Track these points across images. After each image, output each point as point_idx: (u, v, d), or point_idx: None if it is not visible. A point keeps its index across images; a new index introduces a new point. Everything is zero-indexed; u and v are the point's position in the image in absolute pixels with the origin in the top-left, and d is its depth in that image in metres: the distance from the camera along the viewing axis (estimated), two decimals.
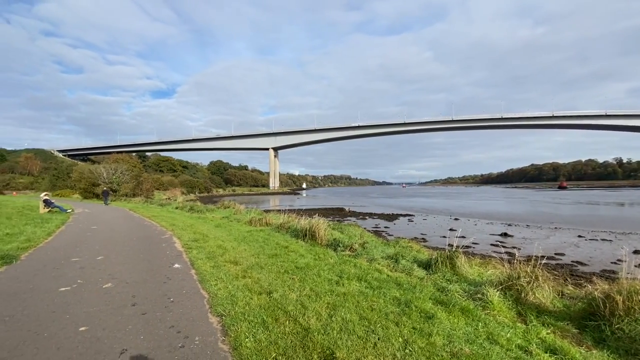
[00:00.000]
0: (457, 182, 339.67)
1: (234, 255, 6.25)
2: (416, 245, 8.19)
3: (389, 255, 6.42)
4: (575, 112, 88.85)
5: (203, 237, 8.40)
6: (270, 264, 5.64)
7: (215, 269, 5.22)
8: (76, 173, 37.80)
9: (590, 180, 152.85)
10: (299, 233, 8.66)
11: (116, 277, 4.84)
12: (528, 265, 4.61)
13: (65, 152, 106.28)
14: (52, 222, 11.19)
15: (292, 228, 9.39)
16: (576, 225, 19.50)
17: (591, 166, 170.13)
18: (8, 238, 7.75)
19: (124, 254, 6.54)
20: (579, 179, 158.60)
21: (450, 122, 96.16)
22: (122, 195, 32.50)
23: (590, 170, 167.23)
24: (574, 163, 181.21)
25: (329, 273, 5.13)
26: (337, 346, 2.74)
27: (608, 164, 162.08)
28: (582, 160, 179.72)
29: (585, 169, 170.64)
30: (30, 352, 2.66)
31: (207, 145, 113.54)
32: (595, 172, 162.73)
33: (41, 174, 69.98)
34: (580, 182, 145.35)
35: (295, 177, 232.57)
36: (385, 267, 5.68)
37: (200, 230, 9.64)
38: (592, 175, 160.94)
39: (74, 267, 5.39)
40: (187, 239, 8.15)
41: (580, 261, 10.45)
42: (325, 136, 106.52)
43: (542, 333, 3.41)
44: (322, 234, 8.00)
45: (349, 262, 5.91)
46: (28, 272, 5.09)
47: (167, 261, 5.92)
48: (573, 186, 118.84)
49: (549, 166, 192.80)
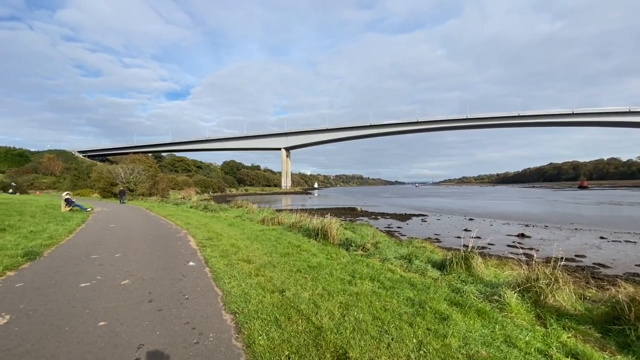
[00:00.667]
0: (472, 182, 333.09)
1: (247, 253, 6.31)
2: (430, 246, 8.07)
3: (402, 255, 6.34)
4: (597, 109, 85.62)
5: (217, 235, 8.51)
6: (282, 262, 5.66)
7: (228, 267, 5.29)
8: (95, 173, 39.00)
9: (613, 179, 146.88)
10: (311, 232, 8.67)
11: (133, 274, 4.96)
12: (547, 267, 4.47)
13: (85, 153, 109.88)
14: (73, 221, 11.56)
15: (304, 227, 9.41)
16: (598, 226, 18.73)
17: (614, 165, 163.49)
18: (32, 235, 8.05)
19: (141, 251, 6.69)
20: (601, 179, 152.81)
21: (465, 121, 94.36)
22: (138, 194, 33.33)
23: (613, 169, 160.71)
24: (595, 162, 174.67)
25: (342, 272, 5.11)
26: (350, 346, 2.73)
27: (632, 163, 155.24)
28: (604, 159, 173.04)
29: (608, 168, 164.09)
30: (52, 345, 2.76)
31: (220, 145, 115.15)
32: (618, 171, 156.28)
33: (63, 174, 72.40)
34: (602, 182, 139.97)
35: (306, 177, 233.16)
36: (399, 267, 5.62)
37: (214, 229, 9.78)
38: (614, 175, 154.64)
39: (93, 264, 5.55)
40: (201, 237, 8.28)
41: (602, 263, 10.06)
42: (337, 136, 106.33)
43: (562, 337, 3.30)
44: (334, 233, 7.99)
45: (362, 262, 5.88)
46: (50, 268, 5.27)
47: (182, 259, 6.03)
48: (594, 186, 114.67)
49: (569, 165, 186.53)
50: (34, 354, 2.61)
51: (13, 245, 6.58)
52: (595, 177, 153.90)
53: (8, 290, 4.15)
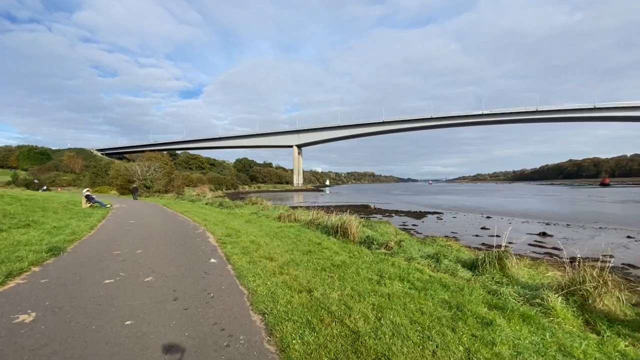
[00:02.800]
0: (487, 179, 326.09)
1: (267, 251, 6.18)
2: (455, 244, 7.76)
3: (429, 254, 6.08)
4: (620, 104, 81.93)
5: (235, 232, 8.43)
6: (305, 260, 5.50)
7: (251, 265, 5.16)
8: (113, 171, 39.90)
9: (637, 176, 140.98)
10: (330, 230, 8.49)
11: (156, 271, 4.89)
12: (594, 269, 4.15)
13: (103, 151, 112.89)
14: (93, 217, 11.74)
15: (322, 225, 9.23)
16: (623, 225, 17.86)
17: (637, 161, 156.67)
18: (55, 231, 8.15)
19: (162, 247, 6.65)
20: (624, 176, 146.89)
21: (481, 117, 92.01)
22: (155, 191, 33.88)
23: (637, 165, 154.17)
24: (617, 158, 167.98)
25: (368, 272, 4.90)
26: (393, 353, 2.52)
27: None
28: (627, 155, 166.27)
29: (631, 164, 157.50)
30: (79, 346, 2.66)
31: (233, 143, 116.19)
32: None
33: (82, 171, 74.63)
34: (625, 179, 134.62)
35: (318, 174, 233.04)
36: (426, 267, 5.37)
37: (232, 226, 9.72)
38: (638, 172, 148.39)
39: (116, 260, 5.52)
40: (220, 234, 8.22)
41: (632, 264, 9.52)
42: (349, 132, 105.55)
43: (619, 345, 3.01)
44: (354, 231, 7.78)
45: (386, 261, 5.65)
46: (74, 264, 5.26)
47: (203, 255, 5.94)
48: (617, 183, 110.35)
49: (589, 162, 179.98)
50: (61, 354, 2.51)
51: (37, 240, 6.64)
52: (618, 174, 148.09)
53: (34, 286, 4.11)
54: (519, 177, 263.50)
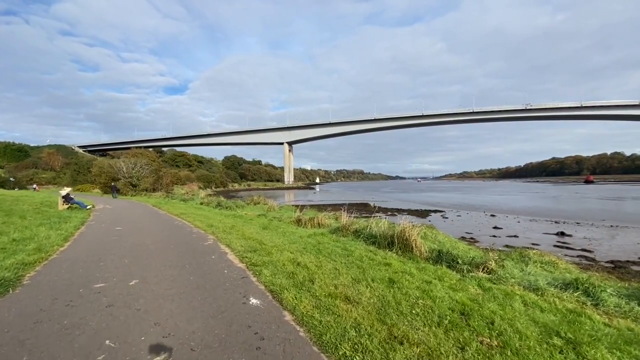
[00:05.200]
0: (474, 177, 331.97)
1: (329, 281, 4.16)
2: (559, 261, 5.94)
3: (557, 280, 4.27)
4: (607, 102, 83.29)
5: (259, 244, 6.38)
6: (400, 300, 3.51)
7: (325, 313, 3.15)
8: (96, 168, 36.98)
9: (617, 174, 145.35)
10: (379, 240, 6.63)
11: (169, 332, 2.87)
12: None
13: (85, 148, 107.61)
14: (70, 222, 9.49)
15: (364, 233, 7.33)
16: (634, 223, 17.30)
17: (617, 159, 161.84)
18: (14, 246, 5.95)
19: (166, 273, 4.61)
20: (604, 173, 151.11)
21: (472, 114, 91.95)
22: (142, 190, 31.24)
23: (617, 163, 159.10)
24: (598, 156, 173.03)
25: (523, 324, 3.04)
26: None
27: (636, 157, 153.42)
28: (607, 153, 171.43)
29: (611, 162, 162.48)
30: None
31: (222, 140, 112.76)
32: (622, 165, 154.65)
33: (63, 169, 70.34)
34: (606, 177, 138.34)
35: (307, 172, 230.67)
36: (579, 306, 3.57)
37: (249, 234, 7.65)
38: (618, 169, 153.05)
39: (98, 304, 3.46)
40: (240, 247, 6.17)
41: None
42: (341, 130, 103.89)
43: None
44: (419, 243, 5.93)
45: (512, 296, 3.79)
46: (26, 314, 3.19)
47: (233, 290, 3.92)
48: (600, 180, 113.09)
49: (572, 159, 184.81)
50: None
51: None
52: (599, 172, 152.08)
53: None
54: (504, 174, 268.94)
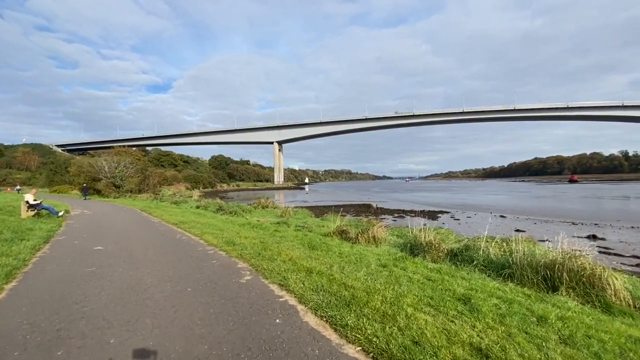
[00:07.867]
0: (459, 176, 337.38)
1: None
2: None
3: None
4: (591, 103, 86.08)
5: (341, 287, 3.98)
6: None
7: None
8: (74, 167, 34.74)
9: (596, 173, 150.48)
10: (515, 272, 4.70)
11: None
12: None
13: (64, 147, 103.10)
14: (30, 239, 7.12)
15: (467, 256, 5.85)
16: None
17: (596, 159, 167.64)
18: None
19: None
20: (585, 172, 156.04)
21: (462, 114, 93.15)
22: (126, 191, 29.37)
23: (596, 163, 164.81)
24: (579, 156, 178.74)
25: None
26: None
27: (614, 157, 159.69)
28: (587, 153, 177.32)
29: (591, 162, 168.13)
30: None
31: (209, 139, 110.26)
32: (601, 165, 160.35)
33: (39, 169, 66.91)
34: (587, 176, 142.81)
35: (296, 172, 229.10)
36: None
37: (302, 262, 5.14)
38: (597, 169, 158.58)
39: None
40: (311, 292, 3.78)
41: None
42: (332, 129, 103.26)
43: None
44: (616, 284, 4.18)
45: None
46: None
47: None
48: (582, 179, 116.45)
49: (554, 159, 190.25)
50: None
51: None
52: (579, 171, 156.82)
53: None
54: (489, 174, 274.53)
